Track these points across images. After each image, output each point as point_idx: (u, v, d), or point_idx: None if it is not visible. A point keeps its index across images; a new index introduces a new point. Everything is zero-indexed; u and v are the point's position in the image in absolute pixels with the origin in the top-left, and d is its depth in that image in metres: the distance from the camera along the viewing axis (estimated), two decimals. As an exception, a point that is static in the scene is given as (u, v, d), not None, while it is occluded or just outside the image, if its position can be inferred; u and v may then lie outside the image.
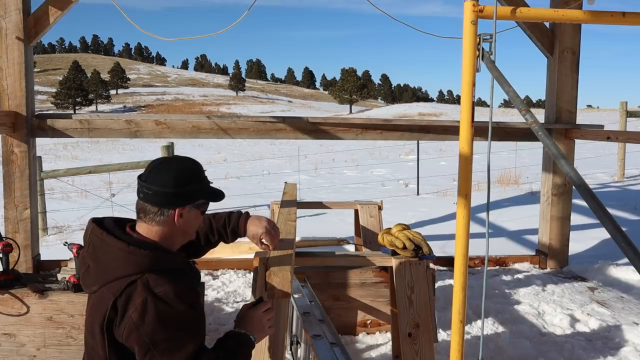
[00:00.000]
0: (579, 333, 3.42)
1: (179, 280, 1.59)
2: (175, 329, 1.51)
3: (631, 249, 1.63)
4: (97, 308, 1.56)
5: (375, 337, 3.36)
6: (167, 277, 1.56)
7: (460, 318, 1.98)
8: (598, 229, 5.63)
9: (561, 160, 1.84)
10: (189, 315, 1.55)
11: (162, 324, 1.49)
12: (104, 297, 1.55)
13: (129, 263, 1.56)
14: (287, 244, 2.23)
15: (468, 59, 1.86)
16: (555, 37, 4.74)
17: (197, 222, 1.76)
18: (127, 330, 1.50)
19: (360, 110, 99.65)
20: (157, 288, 1.52)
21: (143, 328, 1.48)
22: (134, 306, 1.50)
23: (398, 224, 2.64)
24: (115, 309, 1.52)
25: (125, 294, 1.52)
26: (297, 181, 6.56)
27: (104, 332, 1.54)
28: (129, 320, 1.50)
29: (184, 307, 1.53)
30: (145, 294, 1.51)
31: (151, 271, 1.56)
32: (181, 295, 1.54)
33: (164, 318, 1.50)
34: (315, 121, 4.61)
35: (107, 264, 1.59)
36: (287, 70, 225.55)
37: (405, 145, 18.48)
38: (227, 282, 4.40)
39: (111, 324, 1.53)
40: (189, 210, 1.70)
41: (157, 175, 1.66)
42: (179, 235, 1.72)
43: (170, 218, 1.66)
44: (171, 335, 1.51)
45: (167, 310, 1.50)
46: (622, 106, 9.84)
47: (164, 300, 1.51)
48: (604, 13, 1.93)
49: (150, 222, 1.67)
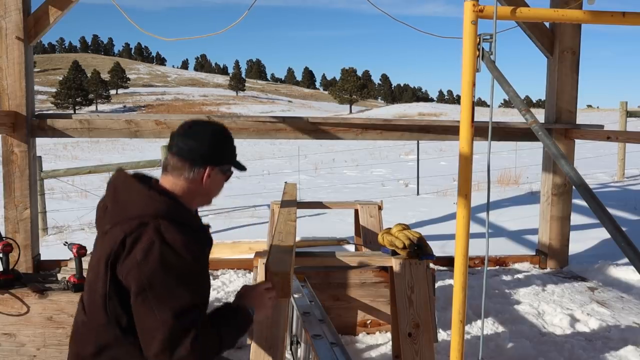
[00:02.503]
0: (579, 333, 3.42)
1: (190, 234, 1.57)
2: (175, 277, 1.50)
3: (631, 249, 1.63)
4: (107, 245, 1.56)
5: (375, 337, 3.36)
6: (179, 228, 1.55)
7: (460, 318, 1.98)
8: (598, 229, 5.63)
9: (561, 160, 1.84)
10: (192, 269, 1.54)
11: (163, 268, 1.49)
12: (114, 235, 1.55)
13: (146, 205, 1.57)
14: (287, 244, 2.23)
15: (468, 59, 1.86)
16: (555, 37, 4.74)
17: (219, 187, 1.77)
18: (128, 267, 1.50)
19: (360, 110, 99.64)
20: (167, 234, 1.52)
21: (144, 268, 1.48)
22: (140, 245, 1.50)
23: (398, 224, 2.64)
24: (124, 245, 1.52)
25: (136, 233, 1.52)
26: (297, 181, 6.57)
27: (108, 267, 1.53)
28: (132, 258, 1.50)
29: (189, 259, 1.53)
30: (154, 237, 1.51)
31: (165, 218, 1.55)
32: (189, 247, 1.53)
33: (166, 263, 1.49)
34: (315, 121, 4.61)
35: (125, 204, 1.60)
36: (287, 70, 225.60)
37: (405, 145, 18.48)
38: (227, 282, 4.40)
39: (116, 260, 1.53)
40: (217, 173, 1.71)
41: (195, 133, 1.69)
42: (201, 196, 1.72)
43: (199, 176, 1.68)
44: (170, 282, 1.50)
45: (171, 257, 1.50)
46: (622, 106, 9.84)
47: (171, 247, 1.51)
48: (604, 13, 1.93)
49: (177, 176, 1.67)
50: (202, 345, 1.51)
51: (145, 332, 1.50)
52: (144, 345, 1.51)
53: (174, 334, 1.47)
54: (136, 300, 1.50)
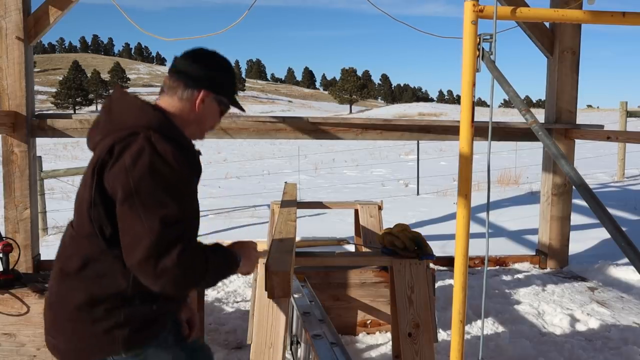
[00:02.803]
0: (579, 333, 3.42)
1: (181, 150, 1.54)
2: (163, 185, 1.46)
3: (631, 249, 1.63)
4: (96, 155, 1.53)
5: (375, 337, 3.36)
6: (171, 141, 1.52)
7: (460, 318, 1.98)
8: (598, 229, 5.63)
9: (561, 160, 1.84)
10: (181, 181, 1.51)
11: (151, 175, 1.45)
12: (104, 144, 1.51)
13: (138, 117, 1.55)
14: (287, 244, 2.23)
15: (468, 59, 1.86)
16: (555, 37, 4.74)
17: (213, 118, 1.74)
18: (115, 172, 1.46)
19: (360, 110, 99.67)
20: (158, 144, 1.48)
21: (132, 173, 1.44)
22: (129, 152, 1.46)
23: (398, 224, 2.64)
24: (111, 152, 1.48)
25: (125, 141, 1.48)
26: (297, 181, 6.56)
27: (95, 173, 1.49)
28: (121, 163, 1.46)
29: (178, 170, 1.49)
30: (144, 144, 1.47)
31: (157, 131, 1.52)
32: (179, 159, 1.50)
33: (155, 170, 1.46)
34: (315, 121, 4.61)
35: (118, 115, 1.57)
36: (287, 70, 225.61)
37: (405, 145, 18.49)
38: (227, 282, 4.40)
39: (104, 166, 1.49)
40: (211, 100, 1.69)
41: (195, 55, 1.69)
42: (193, 123, 1.69)
43: (193, 97, 1.66)
44: (158, 189, 1.46)
45: (160, 165, 1.46)
46: (622, 106, 9.84)
47: (161, 156, 1.47)
48: (604, 13, 1.93)
49: (172, 96, 1.66)
50: (189, 261, 1.47)
51: (130, 239, 1.45)
52: (127, 253, 1.46)
53: (160, 242, 1.43)
54: (122, 207, 1.45)
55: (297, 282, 3.01)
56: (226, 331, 3.42)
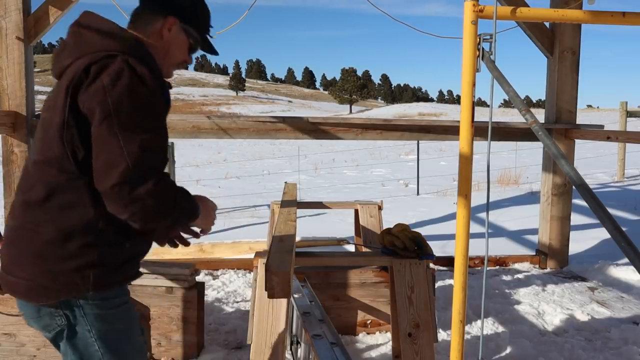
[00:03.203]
0: (579, 333, 3.42)
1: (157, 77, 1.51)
2: (143, 108, 1.42)
3: (631, 249, 1.63)
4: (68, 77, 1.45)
5: (375, 337, 3.36)
6: (148, 67, 1.48)
7: (460, 318, 1.98)
8: (598, 229, 5.63)
9: (561, 160, 1.84)
10: (159, 106, 1.49)
11: (131, 95, 1.40)
12: (77, 65, 1.44)
13: (112, 40, 1.49)
14: (287, 244, 2.23)
15: (468, 59, 1.86)
16: (555, 37, 4.74)
17: (180, 50, 1.68)
18: (92, 92, 1.40)
19: (360, 110, 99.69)
20: (137, 66, 1.44)
21: (111, 92, 1.38)
22: (108, 72, 1.40)
23: (398, 224, 2.64)
24: (88, 72, 1.42)
25: (102, 62, 1.42)
26: (297, 181, 6.56)
27: (69, 94, 1.42)
28: (99, 83, 1.40)
29: (157, 94, 1.47)
30: (123, 66, 1.41)
31: (133, 55, 1.47)
32: (157, 85, 1.47)
33: (134, 91, 1.41)
34: (315, 121, 4.61)
35: (89, 38, 1.50)
36: (287, 70, 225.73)
37: (405, 145, 18.49)
38: (227, 282, 4.40)
39: (78, 87, 1.42)
40: (179, 31, 1.64)
41: None
42: (159, 52, 1.63)
43: (159, 24, 1.62)
44: (138, 111, 1.41)
45: (140, 87, 1.42)
46: (622, 106, 9.85)
47: (141, 77, 1.43)
48: (604, 13, 1.93)
49: (140, 23, 1.62)
50: (162, 193, 1.43)
51: (105, 161, 1.38)
52: (100, 177, 1.39)
53: (136, 168, 1.38)
54: (100, 127, 1.39)
55: (297, 282, 3.01)
56: (226, 331, 3.42)
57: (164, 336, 3.01)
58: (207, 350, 3.12)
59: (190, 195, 1.60)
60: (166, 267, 3.07)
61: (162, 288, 3.00)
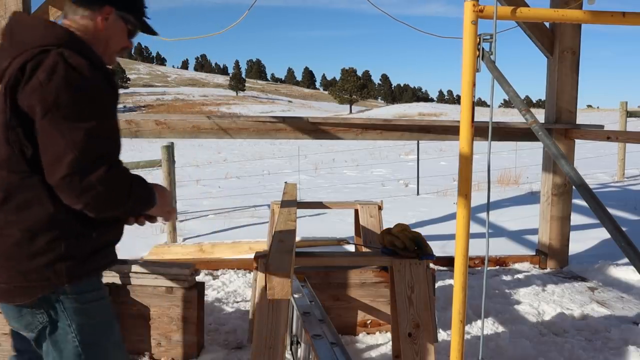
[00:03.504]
0: (579, 333, 3.42)
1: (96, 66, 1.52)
2: (82, 98, 1.44)
3: (631, 249, 1.63)
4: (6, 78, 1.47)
5: (375, 337, 3.36)
6: (85, 57, 1.49)
7: (460, 318, 1.98)
8: (598, 229, 5.63)
9: (561, 160, 1.84)
10: (100, 94, 1.49)
11: (68, 87, 1.42)
12: (13, 65, 1.46)
13: (46, 35, 1.50)
14: (287, 244, 2.23)
15: (468, 59, 1.86)
16: (555, 37, 4.74)
17: (120, 38, 1.70)
18: (30, 90, 1.42)
19: (360, 110, 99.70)
20: (71, 58, 1.45)
21: (48, 87, 1.41)
22: (42, 68, 1.42)
23: (398, 224, 2.64)
24: (23, 70, 1.44)
25: (37, 58, 1.44)
26: (297, 181, 6.56)
27: (7, 95, 1.45)
28: (35, 80, 1.42)
29: (96, 83, 1.47)
30: (57, 59, 1.43)
31: (68, 48, 1.48)
32: (95, 74, 1.48)
33: (71, 83, 1.43)
34: (315, 121, 4.61)
35: (23, 37, 1.51)
36: (287, 70, 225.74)
37: (405, 145, 18.49)
38: (227, 282, 4.40)
39: (16, 86, 1.44)
40: (117, 19, 1.66)
41: None
42: (99, 43, 1.65)
43: (94, 16, 1.62)
44: (77, 102, 1.42)
45: (76, 78, 1.44)
46: (622, 106, 9.84)
47: (76, 69, 1.44)
48: (604, 13, 1.93)
49: (74, 16, 1.63)
50: (114, 181, 1.45)
51: (53, 155, 1.41)
52: (50, 171, 1.42)
53: (85, 157, 1.41)
54: (42, 122, 1.41)
55: (297, 282, 3.01)
56: (226, 331, 3.42)
57: (164, 336, 3.01)
58: (207, 350, 3.12)
59: (146, 183, 1.60)
60: (166, 267, 3.07)
61: (162, 288, 3.00)
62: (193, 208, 7.92)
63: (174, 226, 6.05)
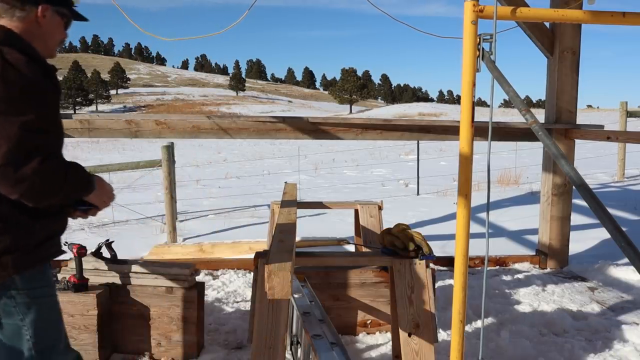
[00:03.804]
0: (579, 333, 3.42)
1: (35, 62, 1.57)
2: (19, 93, 1.50)
3: (631, 249, 1.64)
4: None
5: (375, 337, 3.36)
6: (23, 54, 1.55)
7: (460, 318, 1.98)
8: (598, 229, 5.63)
9: (561, 160, 1.84)
10: (39, 89, 1.54)
11: (4, 83, 1.48)
12: None
13: None
14: (287, 244, 2.23)
15: (468, 59, 1.86)
16: (555, 37, 4.74)
17: (58, 31, 1.77)
18: None
19: (360, 110, 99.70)
20: (9, 55, 1.52)
21: None
22: None
23: (398, 224, 2.64)
24: None
25: None
26: (297, 181, 6.56)
27: None
28: None
29: (34, 78, 1.53)
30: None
31: (6, 45, 1.55)
32: (34, 69, 1.54)
33: (7, 78, 1.49)
34: (315, 121, 4.61)
35: None
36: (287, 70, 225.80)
37: (405, 145, 18.49)
38: (227, 282, 4.40)
39: None
40: (53, 14, 1.72)
41: None
42: (39, 40, 1.71)
43: (33, 15, 1.68)
44: (13, 97, 1.49)
45: (13, 74, 1.50)
46: (622, 106, 9.84)
47: (12, 65, 1.51)
48: (604, 13, 1.93)
49: (11, 17, 1.67)
50: (49, 171, 1.52)
51: None
52: None
53: (19, 149, 1.47)
54: None
55: (297, 282, 3.01)
56: (226, 331, 3.42)
57: (164, 336, 3.01)
58: (207, 350, 3.12)
59: (83, 170, 1.67)
60: (166, 267, 3.07)
61: (162, 288, 3.00)
62: (193, 208, 7.92)
63: (174, 226, 6.06)
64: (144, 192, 9.60)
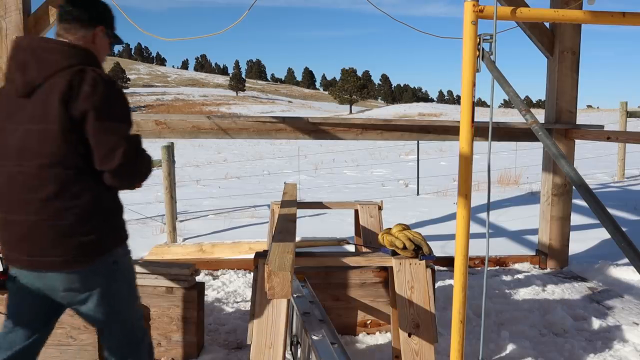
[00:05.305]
0: (579, 333, 3.42)
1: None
2: (121, 102, 1.88)
3: (631, 249, 1.63)
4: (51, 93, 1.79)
5: (375, 337, 3.36)
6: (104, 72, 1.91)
7: (460, 318, 1.98)
8: (598, 229, 5.62)
9: (561, 160, 1.84)
10: (125, 97, 1.92)
11: (111, 94, 1.84)
12: (56, 84, 1.80)
13: (71, 56, 1.87)
14: (287, 244, 2.23)
15: (468, 59, 1.86)
16: (555, 37, 4.74)
17: (106, 51, 2.08)
18: (82, 99, 1.78)
19: (360, 110, 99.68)
20: (102, 73, 1.88)
21: (96, 95, 1.79)
22: (86, 82, 1.80)
23: (398, 224, 2.64)
24: (71, 87, 1.78)
25: (79, 76, 1.81)
26: (297, 181, 6.57)
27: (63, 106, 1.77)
28: (84, 92, 1.79)
29: (121, 89, 1.91)
30: (95, 75, 1.83)
31: (92, 65, 1.89)
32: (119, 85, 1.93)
33: (111, 91, 1.85)
34: (315, 121, 4.61)
35: (50, 58, 1.85)
36: (287, 70, 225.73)
37: (405, 145, 18.49)
38: (227, 282, 4.40)
39: (69, 99, 1.78)
40: (103, 35, 2.03)
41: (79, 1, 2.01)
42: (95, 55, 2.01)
43: (90, 34, 1.98)
44: (119, 105, 1.87)
45: (113, 88, 1.87)
46: (622, 106, 9.84)
47: (111, 81, 1.87)
48: (604, 13, 1.93)
49: (74, 35, 1.95)
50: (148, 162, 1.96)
51: (108, 148, 1.80)
52: (105, 161, 1.81)
53: (133, 147, 1.86)
54: (95, 124, 1.79)
55: (297, 282, 3.01)
56: (226, 331, 3.42)
57: (164, 336, 3.01)
58: (207, 350, 3.12)
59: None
60: (166, 267, 3.07)
61: (162, 288, 3.00)
62: (193, 208, 7.92)
63: (174, 226, 6.06)
64: (144, 192, 9.60)
